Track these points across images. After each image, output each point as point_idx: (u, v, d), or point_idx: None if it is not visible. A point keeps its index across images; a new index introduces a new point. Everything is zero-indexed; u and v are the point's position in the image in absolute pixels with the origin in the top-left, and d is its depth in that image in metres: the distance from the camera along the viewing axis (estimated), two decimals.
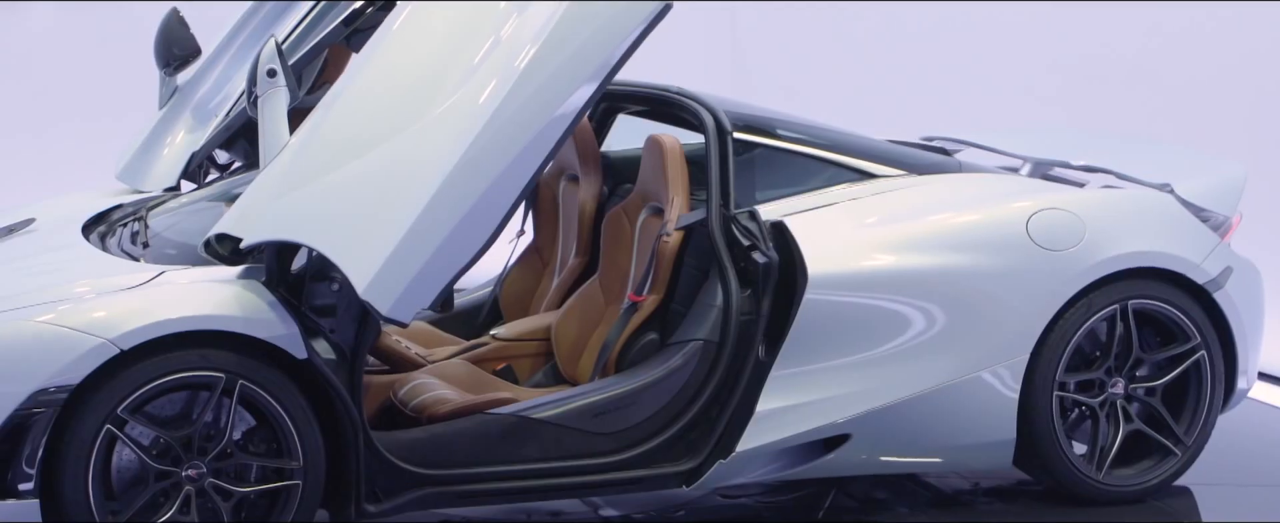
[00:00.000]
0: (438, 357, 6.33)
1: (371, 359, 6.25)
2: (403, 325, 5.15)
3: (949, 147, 7.14)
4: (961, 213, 6.01)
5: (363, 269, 5.03)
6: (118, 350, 5.07)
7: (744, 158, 6.01)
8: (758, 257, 5.73)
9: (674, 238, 5.93)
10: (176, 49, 6.53)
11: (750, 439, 5.72)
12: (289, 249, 5.28)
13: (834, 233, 5.86)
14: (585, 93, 5.12)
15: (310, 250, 5.22)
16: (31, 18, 9.75)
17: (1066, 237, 5.99)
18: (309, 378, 5.31)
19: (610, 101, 6.64)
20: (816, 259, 5.74)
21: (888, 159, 6.25)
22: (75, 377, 5.05)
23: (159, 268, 5.43)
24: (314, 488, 5.34)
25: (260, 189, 5.28)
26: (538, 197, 6.79)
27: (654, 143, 6.10)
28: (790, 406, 5.74)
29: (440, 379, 6.04)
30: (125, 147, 6.66)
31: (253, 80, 5.36)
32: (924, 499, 6.37)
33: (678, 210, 5.95)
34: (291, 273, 5.35)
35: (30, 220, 6.24)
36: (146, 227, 5.97)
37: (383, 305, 5.04)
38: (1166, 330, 6.16)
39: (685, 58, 9.85)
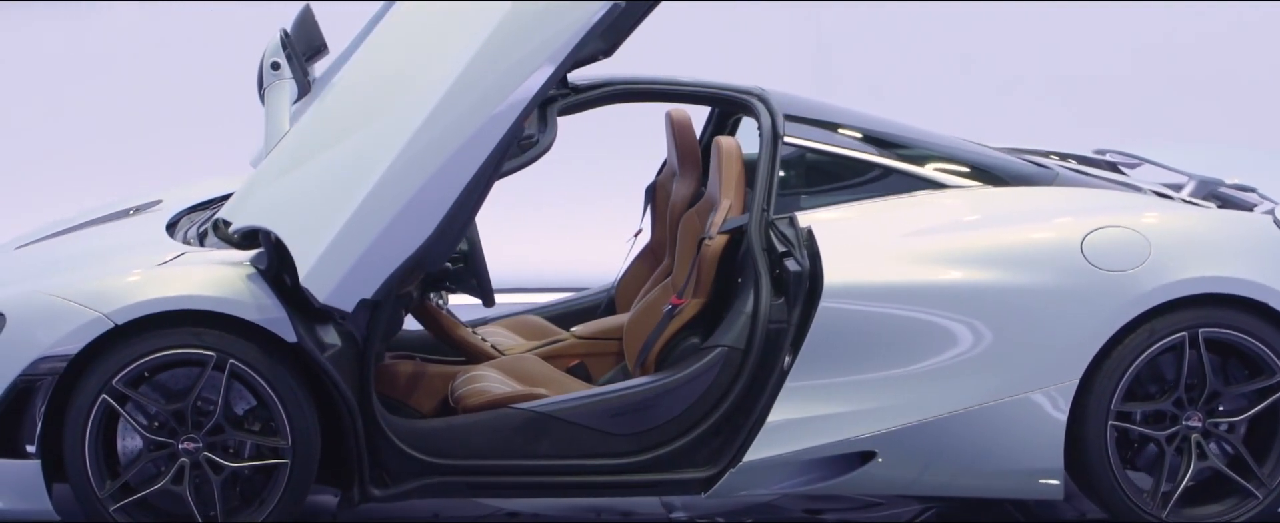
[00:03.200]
0: (515, 351, 6.42)
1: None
2: (345, 313, 5.30)
3: (1121, 162, 6.83)
4: (1013, 228, 5.73)
5: (307, 258, 5.22)
6: (112, 324, 5.39)
7: (799, 161, 5.90)
8: (790, 264, 5.62)
9: (716, 242, 5.86)
10: (312, 43, 6.79)
11: (760, 450, 5.61)
12: None
13: (871, 242, 5.70)
14: (526, 91, 5.19)
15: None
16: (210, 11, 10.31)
17: (1126, 257, 5.63)
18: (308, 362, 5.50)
19: (723, 107, 6.56)
20: (850, 269, 5.59)
21: (963, 167, 6.02)
22: (73, 347, 5.40)
23: (183, 249, 5.73)
24: (304, 468, 5.52)
25: (254, 178, 5.52)
26: (655, 196, 6.79)
27: (715, 145, 6.06)
28: (806, 418, 5.61)
29: (504, 373, 6.13)
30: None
31: (261, 73, 5.59)
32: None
33: (725, 214, 5.89)
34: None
35: (158, 201, 6.63)
36: None
37: (320, 293, 5.25)
38: (1254, 363, 5.72)
39: (769, 58, 9.65)
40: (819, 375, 5.59)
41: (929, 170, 5.98)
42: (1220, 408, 5.74)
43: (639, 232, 6.83)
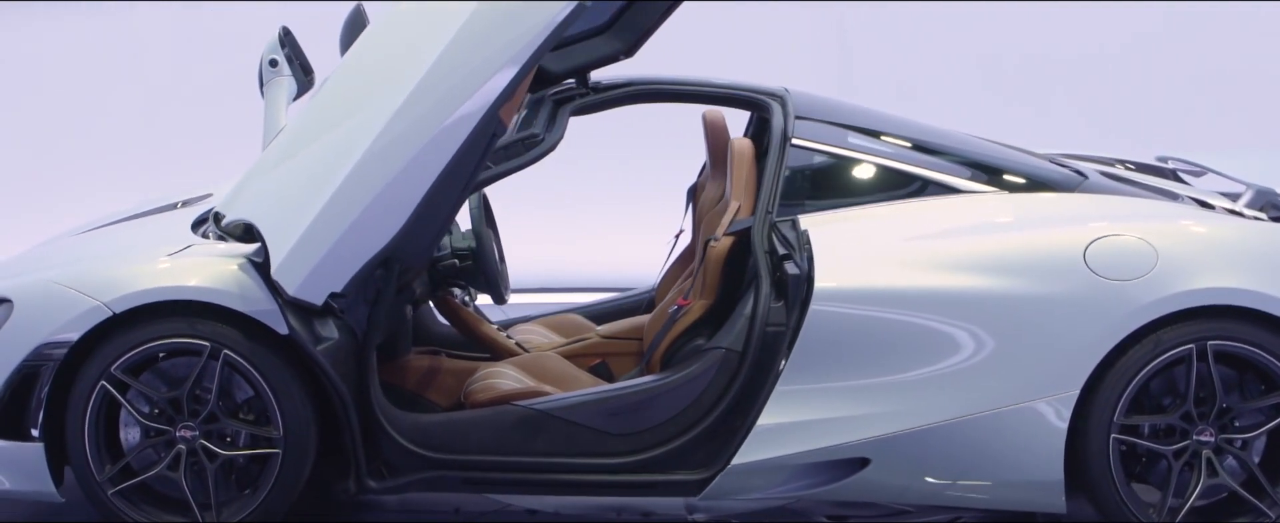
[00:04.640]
0: (541, 348, 6.45)
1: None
2: (314, 306, 5.37)
3: (1183, 170, 6.65)
4: (1018, 233, 5.61)
5: (280, 251, 5.32)
6: (110, 313, 5.52)
7: (809, 165, 5.85)
8: (790, 267, 5.56)
9: (722, 243, 5.83)
10: None
11: (750, 453, 5.56)
12: None
13: (870, 245, 5.61)
14: (490, 92, 5.22)
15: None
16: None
17: (1131, 266, 5.47)
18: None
19: (740, 107, 6.50)
20: (846, 272, 5.52)
21: (984, 171, 5.91)
22: (74, 334, 5.55)
23: (190, 241, 5.86)
24: (296, 458, 5.60)
25: (249, 172, 5.63)
26: (696, 197, 6.77)
27: (729, 147, 6.03)
28: (798, 422, 5.54)
29: (521, 371, 6.16)
30: None
31: (261, 70, 5.69)
32: None
33: (733, 215, 5.85)
34: None
35: (207, 195, 6.78)
36: None
37: (289, 286, 5.35)
38: (1270, 378, 5.53)
39: (793, 58, 9.48)
40: (811, 380, 5.52)
41: (949, 176, 5.88)
42: (1236, 424, 5.55)
43: (680, 232, 6.81)
